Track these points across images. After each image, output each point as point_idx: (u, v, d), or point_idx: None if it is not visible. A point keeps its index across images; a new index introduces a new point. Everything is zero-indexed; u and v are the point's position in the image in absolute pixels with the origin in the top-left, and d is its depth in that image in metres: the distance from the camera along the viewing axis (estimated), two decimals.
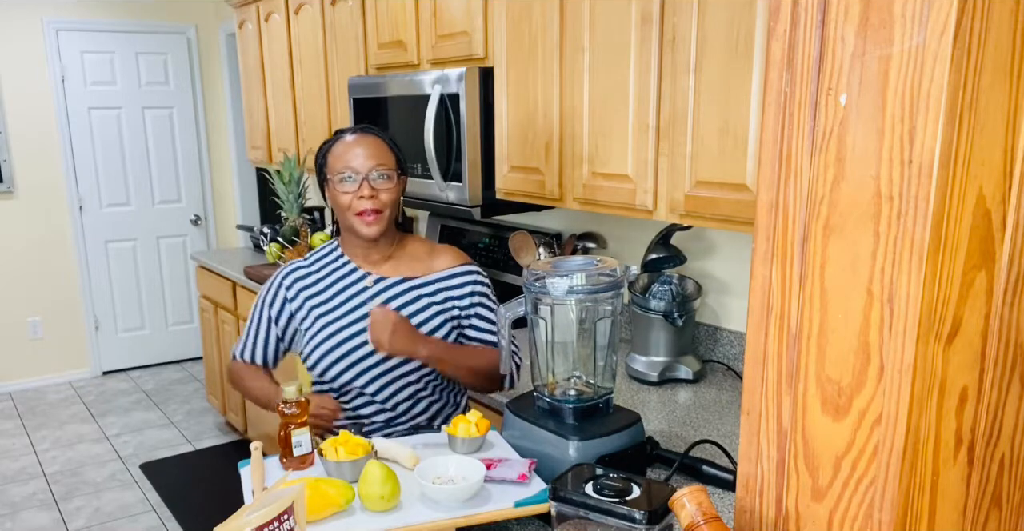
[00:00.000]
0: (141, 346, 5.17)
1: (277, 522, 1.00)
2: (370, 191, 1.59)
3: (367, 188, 1.59)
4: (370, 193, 1.59)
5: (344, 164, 1.60)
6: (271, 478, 1.36)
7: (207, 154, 5.20)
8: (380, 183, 1.60)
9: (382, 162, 1.61)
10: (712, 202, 1.70)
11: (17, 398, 4.69)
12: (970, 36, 0.65)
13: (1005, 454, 0.84)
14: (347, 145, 1.62)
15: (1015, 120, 0.72)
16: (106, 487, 3.58)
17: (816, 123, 0.76)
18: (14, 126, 4.58)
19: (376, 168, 1.60)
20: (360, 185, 1.59)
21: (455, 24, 2.46)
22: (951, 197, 0.69)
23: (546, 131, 2.14)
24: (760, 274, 0.84)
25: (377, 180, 1.60)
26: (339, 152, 1.62)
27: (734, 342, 2.19)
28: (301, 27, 3.41)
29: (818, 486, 0.82)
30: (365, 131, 1.66)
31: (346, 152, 1.61)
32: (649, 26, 1.79)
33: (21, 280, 4.74)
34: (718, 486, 1.47)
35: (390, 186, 1.62)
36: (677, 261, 2.14)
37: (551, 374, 1.48)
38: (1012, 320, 0.78)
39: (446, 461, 1.34)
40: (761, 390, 0.87)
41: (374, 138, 1.64)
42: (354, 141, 1.62)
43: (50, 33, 4.60)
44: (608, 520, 1.08)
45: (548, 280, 1.39)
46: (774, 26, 0.79)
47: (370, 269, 1.69)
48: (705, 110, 1.69)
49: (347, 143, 1.62)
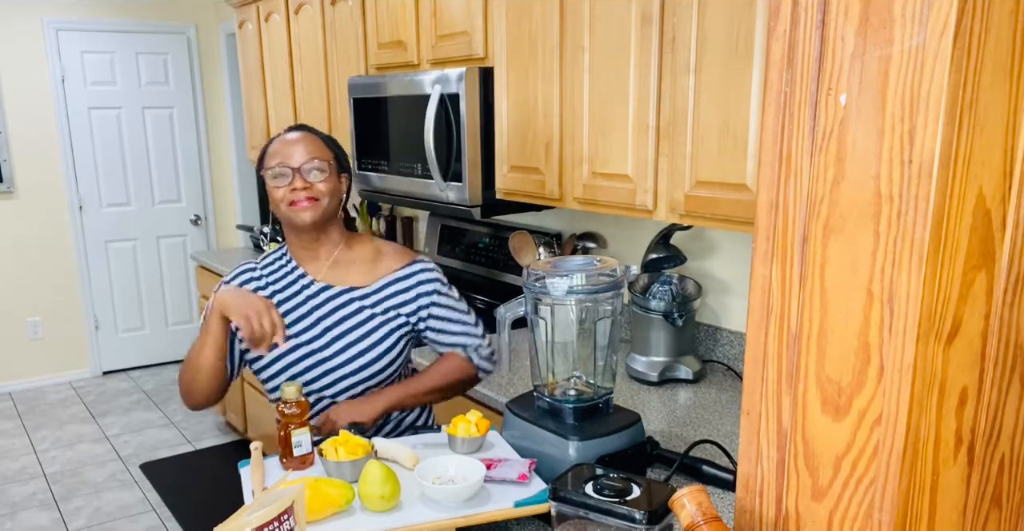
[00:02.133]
0: (141, 346, 5.17)
1: (277, 522, 1.00)
2: (302, 183, 1.58)
3: (300, 180, 1.58)
4: (303, 185, 1.58)
5: (277, 160, 1.59)
6: (271, 478, 1.36)
7: (207, 154, 5.20)
8: (314, 176, 1.59)
9: (316, 156, 1.60)
10: (712, 202, 1.70)
11: (17, 398, 4.69)
12: (970, 36, 0.65)
13: (1005, 454, 0.84)
14: (282, 142, 1.62)
15: (1015, 120, 0.72)
16: (106, 487, 3.58)
17: (816, 123, 0.76)
18: (14, 126, 4.59)
19: (308, 162, 1.58)
20: (292, 178, 1.58)
21: (455, 24, 2.46)
22: (951, 197, 0.69)
23: (546, 131, 2.14)
24: (760, 274, 0.84)
25: (310, 173, 1.59)
26: (275, 150, 1.62)
27: (734, 342, 2.19)
28: (301, 27, 3.41)
29: (818, 486, 0.82)
30: (300, 129, 1.66)
31: (281, 149, 1.60)
32: (649, 26, 1.79)
33: (21, 280, 4.74)
34: (718, 486, 1.47)
35: (324, 178, 1.60)
36: (677, 261, 2.14)
37: (551, 374, 1.48)
38: (1012, 320, 0.78)
39: (446, 461, 1.34)
40: (761, 390, 0.87)
41: (308, 134, 1.64)
42: (288, 138, 1.62)
43: (50, 33, 4.60)
44: (608, 520, 1.08)
45: (548, 280, 1.39)
46: (774, 26, 0.79)
47: (316, 275, 1.66)
48: (705, 110, 1.69)
49: (283, 140, 1.62)
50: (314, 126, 1.74)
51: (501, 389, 2.04)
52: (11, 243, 4.68)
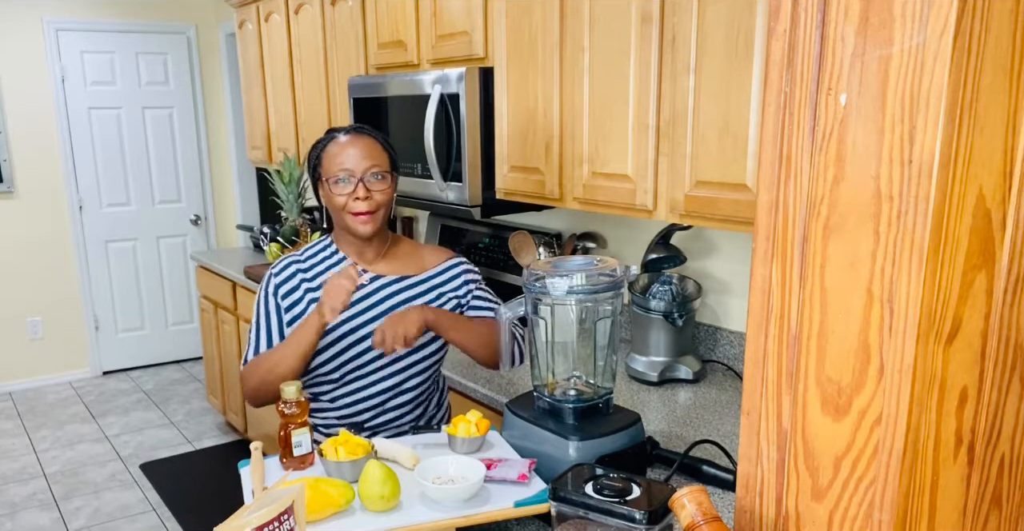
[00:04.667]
0: (141, 346, 5.17)
1: (277, 522, 1.00)
2: (365, 192, 1.61)
3: (362, 189, 1.60)
4: (365, 194, 1.61)
5: (339, 166, 1.61)
6: (271, 478, 1.36)
7: (207, 154, 5.20)
8: (374, 184, 1.62)
9: (376, 163, 1.62)
10: (712, 202, 1.70)
11: (17, 398, 4.69)
12: (970, 36, 0.65)
13: (1005, 454, 0.84)
14: (341, 146, 1.63)
15: (1015, 120, 0.72)
16: (106, 487, 3.58)
17: (816, 123, 0.76)
18: (14, 126, 4.59)
19: (371, 169, 1.61)
20: (356, 187, 1.60)
21: (455, 24, 2.46)
22: (951, 197, 0.69)
23: (546, 131, 2.14)
24: (760, 274, 0.84)
25: (372, 181, 1.62)
26: (333, 153, 1.63)
27: (734, 342, 2.19)
28: (301, 27, 3.41)
29: (818, 486, 0.82)
30: (359, 131, 1.66)
31: (340, 153, 1.62)
32: (649, 26, 1.79)
33: (21, 280, 4.74)
34: (718, 486, 1.47)
35: (384, 186, 1.63)
36: (677, 261, 2.14)
37: (551, 374, 1.48)
38: (1012, 320, 0.78)
39: (446, 461, 1.34)
40: (761, 390, 0.87)
41: (368, 138, 1.65)
42: (348, 142, 1.63)
43: (50, 33, 4.60)
44: (608, 520, 1.08)
45: (548, 280, 1.39)
46: (774, 26, 0.79)
47: (366, 267, 1.71)
48: (705, 110, 1.69)
49: (341, 144, 1.63)
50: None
51: (501, 389, 2.04)
52: (11, 243, 4.68)
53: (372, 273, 1.70)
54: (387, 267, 1.72)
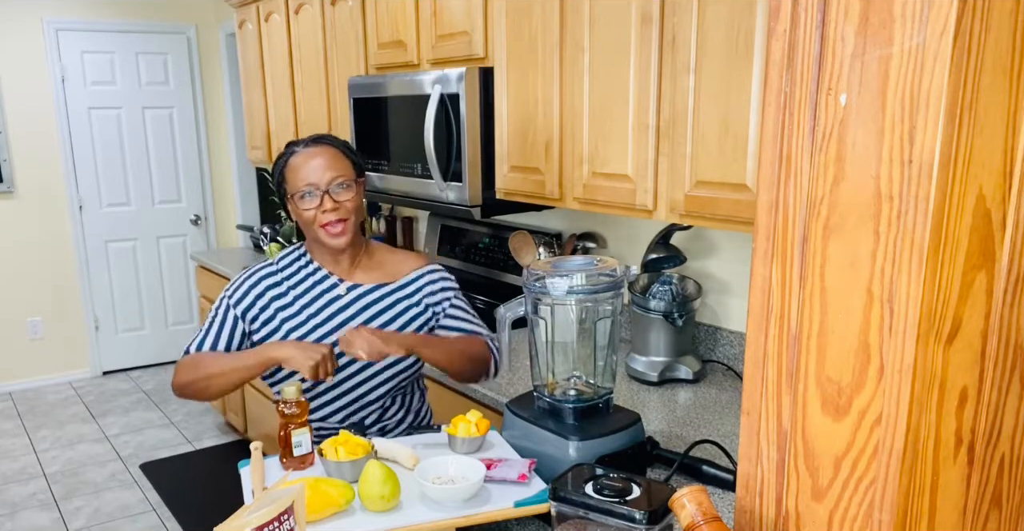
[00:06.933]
0: (141, 346, 5.17)
1: (277, 522, 1.00)
2: (333, 204, 1.58)
3: (329, 201, 1.58)
4: (332, 206, 1.58)
5: (303, 180, 1.59)
6: (271, 478, 1.36)
7: (207, 154, 5.20)
8: (341, 193, 1.60)
9: (340, 173, 1.60)
10: (712, 202, 1.70)
11: (17, 398, 4.69)
12: (970, 36, 0.65)
13: (1005, 454, 0.84)
14: (302, 159, 1.60)
15: (1015, 120, 0.72)
16: (106, 487, 3.58)
17: (816, 123, 0.76)
18: (14, 126, 4.58)
19: (335, 180, 1.59)
20: (321, 200, 1.58)
21: (455, 24, 2.46)
22: (951, 197, 0.69)
23: (546, 131, 2.14)
24: (760, 274, 0.84)
25: (337, 191, 1.59)
26: (295, 167, 1.60)
27: (734, 342, 2.19)
28: (301, 27, 3.41)
29: (818, 486, 0.82)
30: (318, 142, 1.64)
31: (302, 167, 1.59)
32: (649, 26, 1.79)
33: (21, 280, 4.74)
34: (718, 486, 1.47)
35: (351, 195, 1.61)
36: (677, 261, 2.14)
37: (551, 374, 1.48)
38: (1012, 320, 0.78)
39: (446, 461, 1.34)
40: (761, 390, 0.87)
41: (328, 148, 1.62)
42: (308, 154, 1.60)
43: (50, 33, 4.60)
44: (608, 520, 1.08)
45: (548, 280, 1.39)
46: (774, 26, 0.79)
47: (342, 276, 1.68)
48: (705, 110, 1.69)
49: (302, 157, 1.60)
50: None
51: (501, 389, 2.04)
52: (11, 243, 4.68)
53: (350, 282, 1.68)
54: (364, 276, 1.70)
